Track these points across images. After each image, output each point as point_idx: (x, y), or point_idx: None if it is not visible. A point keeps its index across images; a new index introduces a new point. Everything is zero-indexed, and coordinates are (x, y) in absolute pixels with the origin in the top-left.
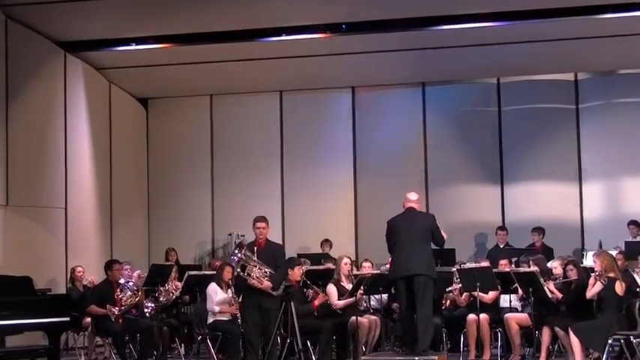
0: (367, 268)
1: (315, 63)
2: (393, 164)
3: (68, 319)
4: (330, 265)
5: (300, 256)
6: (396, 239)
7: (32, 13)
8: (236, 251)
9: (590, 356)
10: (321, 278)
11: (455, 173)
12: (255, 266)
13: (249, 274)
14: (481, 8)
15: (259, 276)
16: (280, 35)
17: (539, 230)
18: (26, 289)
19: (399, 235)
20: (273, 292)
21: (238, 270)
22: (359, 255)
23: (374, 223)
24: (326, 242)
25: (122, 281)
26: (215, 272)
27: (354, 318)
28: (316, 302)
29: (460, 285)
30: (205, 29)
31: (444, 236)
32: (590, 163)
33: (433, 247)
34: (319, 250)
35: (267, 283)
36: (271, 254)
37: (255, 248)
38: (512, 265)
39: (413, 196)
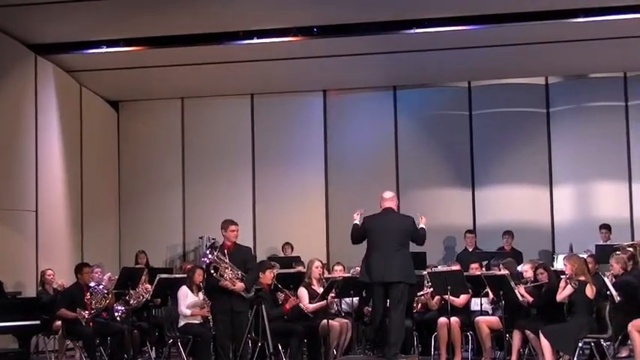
0: (339, 272)
1: (287, 66)
2: (364, 167)
3: (38, 322)
4: (301, 269)
5: (270, 259)
6: (372, 239)
7: (2, 15)
8: (207, 252)
9: (561, 359)
10: (292, 282)
11: (426, 177)
12: (227, 268)
13: (221, 275)
14: (452, 12)
15: (232, 277)
16: (252, 38)
17: (509, 234)
18: None
19: (376, 235)
20: (245, 295)
21: (211, 271)
22: (330, 258)
23: (345, 226)
24: (287, 245)
25: (92, 284)
26: (186, 275)
27: (325, 321)
28: (287, 306)
29: (431, 288)
30: (177, 32)
31: (423, 224)
32: (560, 166)
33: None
34: (281, 254)
35: (240, 285)
36: (241, 257)
37: (226, 251)
38: (483, 269)
39: (388, 194)
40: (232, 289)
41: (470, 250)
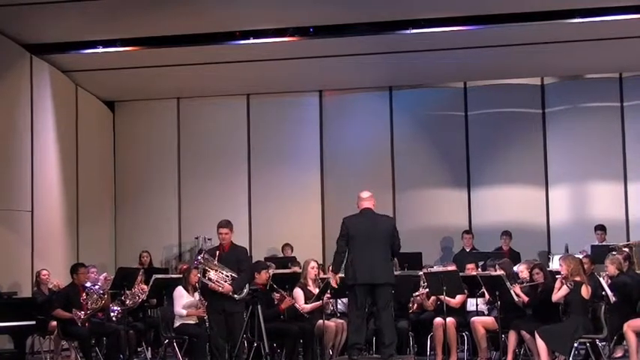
0: None
1: (283, 66)
2: (360, 168)
3: (34, 322)
4: (297, 269)
5: (266, 260)
6: (356, 241)
7: None
8: (198, 257)
9: (556, 359)
10: (288, 282)
11: (422, 177)
12: (216, 270)
13: (209, 279)
14: (448, 12)
15: (218, 280)
16: (248, 38)
17: (508, 234)
18: None
19: (360, 237)
20: (235, 296)
21: (199, 275)
22: (326, 258)
23: None
24: (287, 246)
25: (88, 285)
26: (182, 275)
27: (320, 322)
28: (283, 306)
29: (427, 289)
30: (173, 32)
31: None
32: (556, 167)
33: None
34: (279, 254)
35: (227, 287)
36: (235, 258)
37: (218, 252)
38: (479, 269)
39: (365, 194)
40: (220, 292)
41: (467, 250)
